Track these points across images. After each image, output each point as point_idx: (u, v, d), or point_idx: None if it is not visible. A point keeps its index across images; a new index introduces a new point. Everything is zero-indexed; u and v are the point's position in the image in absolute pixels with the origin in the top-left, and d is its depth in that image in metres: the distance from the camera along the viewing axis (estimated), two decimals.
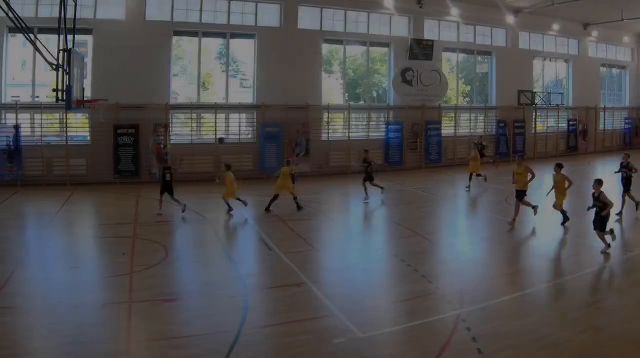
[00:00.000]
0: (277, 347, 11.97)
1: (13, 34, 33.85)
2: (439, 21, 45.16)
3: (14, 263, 17.40)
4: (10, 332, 12.33)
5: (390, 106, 43.41)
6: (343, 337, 12.17)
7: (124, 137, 34.57)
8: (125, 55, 34.63)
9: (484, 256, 19.29)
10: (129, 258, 18.19)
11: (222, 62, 40.51)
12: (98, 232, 23.02)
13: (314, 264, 18.23)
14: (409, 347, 11.89)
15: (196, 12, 37.34)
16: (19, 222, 24.79)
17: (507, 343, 11.84)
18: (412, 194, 31.52)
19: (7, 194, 30.01)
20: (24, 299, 14.46)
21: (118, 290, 15.33)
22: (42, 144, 33.85)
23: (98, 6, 34.70)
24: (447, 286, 15.75)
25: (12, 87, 35.25)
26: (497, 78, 48.55)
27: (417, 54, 43.44)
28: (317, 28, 40.77)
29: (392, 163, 42.36)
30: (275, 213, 25.60)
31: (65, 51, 22.52)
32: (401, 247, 20.30)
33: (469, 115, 47.58)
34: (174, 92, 38.86)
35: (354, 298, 14.82)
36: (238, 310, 13.71)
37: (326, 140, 40.73)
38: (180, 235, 22.67)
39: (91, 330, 12.46)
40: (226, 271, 17.37)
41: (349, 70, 44.98)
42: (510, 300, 14.53)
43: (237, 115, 39.28)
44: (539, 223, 23.54)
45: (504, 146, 48.14)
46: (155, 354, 11.64)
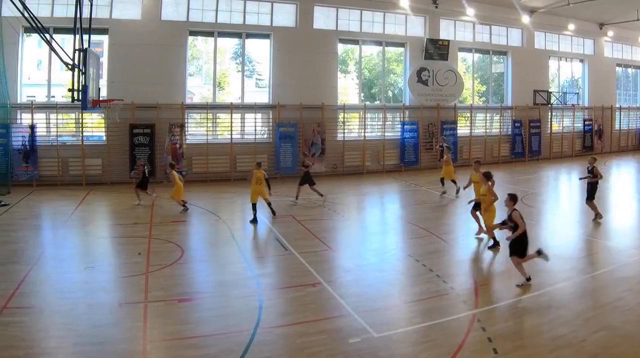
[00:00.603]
0: (292, 347, 11.96)
1: (29, 34, 34.03)
2: (455, 21, 45.09)
3: (29, 263, 17.52)
4: (26, 332, 12.37)
5: (405, 106, 43.30)
6: (358, 337, 12.23)
7: (139, 137, 34.67)
8: (141, 55, 34.82)
9: (499, 256, 19.16)
10: (144, 259, 18.27)
11: (238, 62, 40.55)
12: (114, 232, 23.03)
13: (329, 264, 18.22)
14: (424, 347, 11.86)
15: (212, 12, 37.41)
16: (35, 222, 24.89)
17: (522, 343, 11.89)
18: (427, 194, 31.42)
19: (23, 194, 30.16)
20: (40, 299, 14.51)
21: (133, 290, 15.39)
22: (58, 144, 33.97)
23: (114, 6, 34.84)
24: (462, 286, 15.75)
25: (28, 87, 35.40)
26: (512, 78, 48.41)
27: (432, 54, 43.40)
28: (333, 28, 40.77)
29: (408, 163, 42.44)
30: (290, 213, 25.61)
31: (81, 51, 22.64)
32: (416, 246, 20.27)
33: (484, 115, 47.40)
34: (190, 92, 38.95)
35: (369, 298, 14.83)
36: (253, 310, 13.77)
37: (341, 140, 40.69)
38: (195, 235, 22.67)
39: (107, 330, 12.53)
40: (241, 271, 17.31)
41: (364, 70, 44.97)
42: (525, 300, 14.53)
43: (252, 115, 39.22)
44: (554, 223, 23.47)
45: (520, 146, 47.99)
46: (170, 354, 11.67)
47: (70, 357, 11.40)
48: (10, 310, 13.53)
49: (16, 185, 31.67)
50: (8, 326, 12.52)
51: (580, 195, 30.60)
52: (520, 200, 27.74)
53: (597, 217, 23.88)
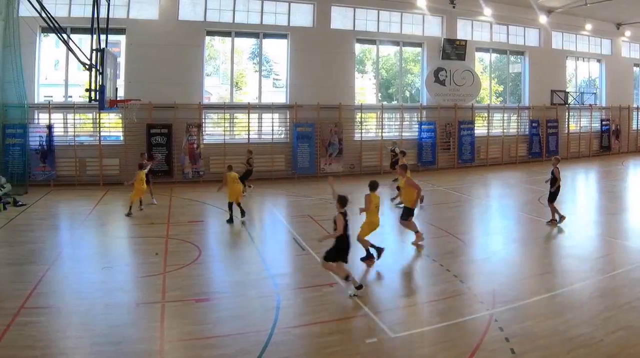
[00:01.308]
0: (309, 347, 11.98)
1: (46, 34, 34.20)
2: (472, 21, 44.96)
3: (47, 264, 17.58)
4: (43, 332, 12.41)
5: (423, 106, 43.21)
6: (375, 337, 12.22)
7: (157, 137, 34.79)
8: (159, 55, 34.93)
9: (516, 256, 19.14)
10: (161, 259, 18.32)
11: (255, 62, 40.66)
12: (131, 232, 23.03)
13: (346, 265, 18.11)
14: (441, 347, 11.83)
15: (229, 12, 37.47)
16: (52, 222, 25.00)
17: (539, 343, 11.81)
18: (445, 194, 31.37)
19: (40, 194, 30.27)
20: (57, 299, 14.56)
21: (151, 290, 15.44)
22: (75, 144, 34.08)
23: (131, 6, 34.96)
24: (479, 286, 15.69)
25: (45, 87, 35.60)
26: (530, 78, 48.27)
27: (450, 54, 43.33)
28: (350, 28, 40.76)
29: (425, 163, 42.39)
30: (308, 213, 25.61)
31: (98, 51, 22.73)
32: (433, 247, 20.18)
33: (502, 115, 47.25)
34: (207, 92, 39.04)
35: (386, 298, 14.89)
36: (270, 310, 13.77)
37: (359, 140, 40.68)
38: (212, 235, 22.62)
39: (124, 330, 12.57)
40: (258, 271, 17.31)
41: (381, 70, 44.96)
42: (543, 300, 14.47)
43: (269, 115, 39.28)
44: (571, 223, 23.42)
45: (537, 146, 47.86)
46: (187, 354, 11.69)
47: (87, 357, 11.44)
48: (28, 310, 13.55)
49: (33, 185, 31.78)
50: (25, 326, 12.55)
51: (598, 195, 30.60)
52: (538, 200, 27.76)
53: (552, 221, 23.60)
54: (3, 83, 30.97)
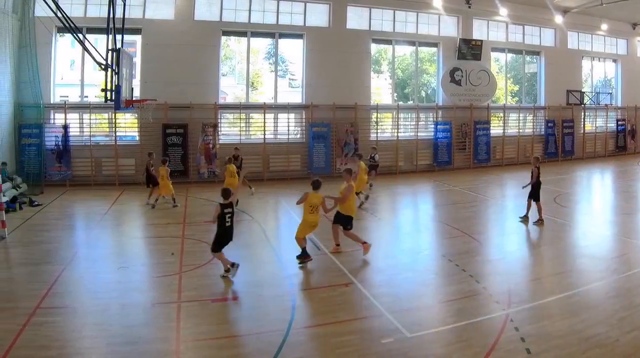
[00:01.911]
0: (325, 347, 11.95)
1: (62, 34, 34.36)
2: (488, 21, 44.85)
3: (63, 264, 17.64)
4: (59, 332, 12.45)
5: (438, 106, 43.19)
6: (391, 337, 12.19)
7: (173, 137, 34.90)
8: (174, 55, 35.09)
9: (532, 256, 19.20)
10: (177, 259, 18.39)
11: (271, 62, 40.71)
12: (147, 232, 23.16)
13: (361, 264, 18.17)
14: (457, 347, 11.81)
15: (245, 12, 37.54)
16: (68, 222, 25.08)
17: (555, 343, 11.78)
18: (460, 194, 31.30)
19: (56, 194, 30.40)
20: (73, 299, 14.63)
21: (167, 290, 15.48)
22: (91, 144, 34.24)
23: (147, 6, 35.11)
24: (495, 286, 15.66)
25: (61, 87, 35.76)
26: (545, 78, 48.09)
27: (465, 54, 43.27)
28: (366, 28, 40.75)
29: (441, 163, 42.35)
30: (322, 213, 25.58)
31: (114, 51, 22.78)
32: (449, 246, 20.19)
33: (517, 115, 47.15)
34: (223, 92, 39.11)
35: (402, 298, 14.80)
36: (286, 310, 13.80)
37: (374, 140, 40.57)
38: None
39: (140, 330, 12.60)
40: (274, 271, 17.41)
41: (397, 70, 44.90)
42: (558, 300, 14.44)
43: (285, 115, 39.37)
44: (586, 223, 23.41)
45: (553, 146, 47.74)
46: (203, 354, 11.70)
47: (103, 357, 11.47)
48: (44, 310, 13.61)
49: (49, 185, 31.93)
50: (41, 326, 12.60)
51: (613, 195, 30.51)
52: (553, 200, 27.72)
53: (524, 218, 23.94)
54: (19, 83, 31.18)
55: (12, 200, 26.64)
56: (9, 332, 12.14)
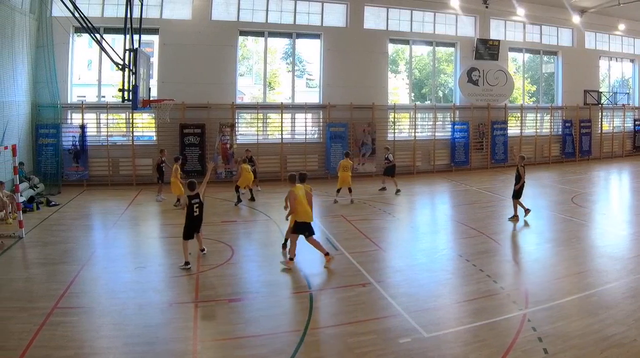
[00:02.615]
0: (342, 346, 11.94)
1: (79, 34, 34.50)
2: (505, 21, 44.70)
3: (80, 264, 17.74)
4: (76, 332, 12.50)
5: (456, 106, 43.09)
6: (408, 337, 12.21)
7: (190, 136, 34.94)
8: (192, 55, 35.21)
9: (549, 256, 19.01)
10: (195, 258, 18.33)
11: (288, 62, 40.72)
12: (164, 232, 23.19)
13: (379, 264, 18.20)
14: (475, 347, 11.80)
15: (262, 12, 37.55)
16: (85, 222, 25.12)
17: (572, 343, 11.77)
18: (478, 194, 31.22)
19: (73, 194, 30.52)
20: (90, 299, 14.68)
21: (184, 290, 15.56)
22: (108, 144, 34.35)
23: (164, 6, 35.19)
24: (512, 286, 15.67)
25: (78, 87, 35.92)
26: (563, 78, 47.92)
27: (483, 54, 43.15)
28: (383, 28, 40.68)
29: (458, 163, 42.26)
30: (340, 213, 25.62)
31: (131, 51, 22.77)
32: (466, 246, 20.16)
33: (535, 115, 46.98)
34: (240, 91, 39.15)
35: (420, 298, 14.80)
36: (303, 310, 13.85)
37: (392, 140, 40.54)
38: (246, 235, 22.57)
39: (157, 330, 12.67)
40: (292, 271, 17.32)
41: (415, 70, 44.79)
42: (576, 300, 14.42)
43: (303, 115, 39.35)
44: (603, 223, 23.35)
45: (570, 146, 47.57)
46: (220, 354, 11.73)
47: (120, 357, 11.50)
48: (61, 310, 13.68)
49: (66, 185, 32.11)
50: (59, 326, 12.66)
51: (631, 194, 30.37)
52: (571, 200, 27.64)
53: (514, 217, 24.24)
54: (36, 83, 31.34)
55: (29, 200, 26.76)
56: (26, 332, 12.23)
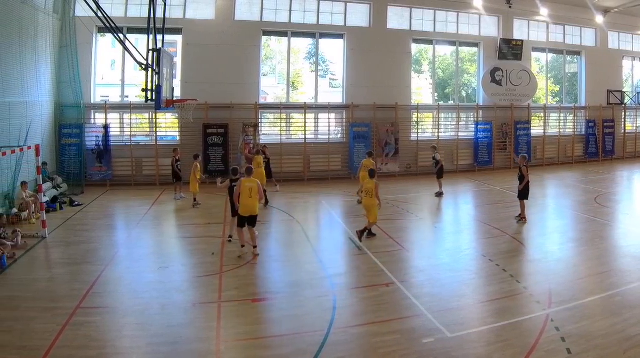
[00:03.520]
0: (366, 346, 11.96)
1: (102, 34, 34.71)
2: (529, 21, 44.54)
3: (103, 264, 17.82)
4: (99, 332, 12.57)
5: (479, 106, 42.99)
6: (432, 337, 12.22)
7: (213, 136, 35.02)
8: (215, 55, 35.30)
9: (573, 256, 19.00)
10: (218, 259, 18.45)
11: (312, 62, 40.73)
12: (187, 232, 23.13)
13: (402, 264, 18.21)
14: (498, 347, 11.78)
15: (285, 12, 37.59)
16: (108, 222, 25.31)
17: (596, 343, 11.74)
18: (501, 194, 31.12)
19: (97, 194, 30.70)
20: (113, 299, 14.78)
21: (207, 290, 15.57)
22: (132, 144, 34.55)
23: (188, 6, 35.35)
24: (535, 286, 15.61)
25: (102, 87, 36.12)
26: (586, 78, 47.64)
27: (506, 54, 43.00)
28: (407, 28, 40.59)
29: (481, 163, 42.14)
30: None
31: (154, 51, 22.84)
32: (489, 246, 20.09)
33: (558, 115, 46.80)
34: (263, 91, 39.25)
35: (443, 298, 14.80)
36: (327, 310, 13.81)
37: (415, 140, 40.54)
38: (269, 235, 22.43)
39: (180, 330, 12.70)
40: (315, 271, 17.33)
41: (438, 70, 44.77)
42: (599, 300, 14.38)
43: (326, 115, 39.37)
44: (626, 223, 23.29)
45: (594, 146, 47.33)
46: (244, 354, 11.75)
47: (143, 357, 11.56)
48: (84, 310, 13.75)
49: (90, 185, 32.32)
50: (82, 326, 12.72)
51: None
52: (594, 200, 27.53)
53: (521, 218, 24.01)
54: (60, 83, 31.53)
55: (52, 200, 26.93)
56: (49, 332, 12.30)
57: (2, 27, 24.16)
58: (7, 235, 19.79)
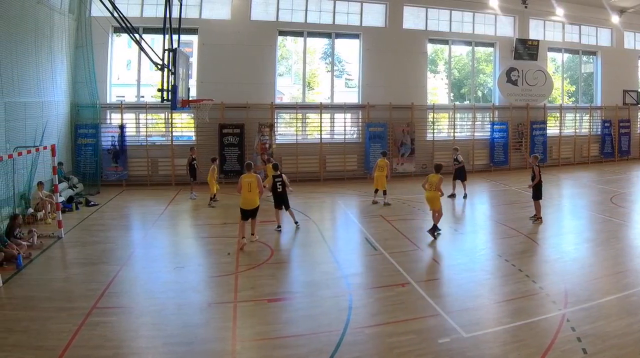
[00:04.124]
0: (382, 347, 11.93)
1: (118, 34, 34.91)
2: (544, 21, 44.43)
3: (119, 264, 17.88)
4: (115, 332, 12.61)
5: (495, 106, 42.99)
6: (447, 336, 12.20)
7: (229, 136, 35.07)
8: (231, 55, 35.41)
9: (589, 256, 18.94)
10: (234, 259, 18.45)
11: (327, 62, 40.79)
12: (203, 232, 23.13)
13: (418, 264, 18.22)
14: (514, 347, 11.75)
15: (301, 12, 37.66)
16: (124, 222, 25.42)
17: (612, 343, 11.70)
18: (516, 194, 31.02)
19: (113, 194, 30.85)
20: (129, 299, 14.82)
21: (223, 290, 15.57)
22: (147, 144, 34.66)
23: (203, 6, 35.51)
24: (551, 286, 15.54)
25: (118, 87, 36.29)
26: (602, 78, 47.50)
27: (522, 54, 42.92)
28: (422, 28, 40.56)
29: (497, 163, 42.09)
30: (379, 213, 25.56)
31: (170, 51, 22.86)
32: (505, 246, 20.06)
33: (574, 115, 46.65)
34: (279, 91, 39.34)
35: (459, 298, 14.82)
36: (343, 310, 13.80)
37: (431, 140, 40.49)
38: (285, 235, 22.36)
39: (196, 330, 12.72)
40: (331, 271, 17.30)
41: (454, 70, 44.75)
42: (615, 300, 14.32)
43: (342, 115, 39.37)
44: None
45: (609, 146, 47.16)
46: (260, 354, 11.75)
47: (159, 357, 11.58)
48: (100, 310, 13.79)
49: (105, 185, 32.48)
50: (97, 326, 12.76)
51: None
52: (610, 200, 27.45)
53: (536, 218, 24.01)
54: (75, 83, 31.70)
55: (68, 200, 27.05)
56: (65, 332, 12.34)
57: (18, 28, 24.29)
58: (23, 235, 19.95)
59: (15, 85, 23.99)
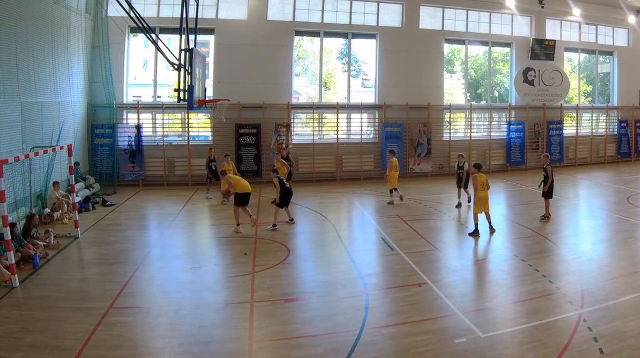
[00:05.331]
0: (398, 346, 11.93)
1: (135, 34, 35.00)
2: (561, 21, 44.25)
3: (136, 264, 17.97)
4: (132, 332, 12.67)
5: (511, 106, 42.82)
6: (464, 337, 12.20)
7: (245, 136, 35.12)
8: (247, 55, 35.40)
9: (605, 256, 18.87)
10: (250, 259, 18.48)
11: (344, 62, 40.72)
12: (219, 232, 23.09)
13: (434, 264, 18.15)
14: (530, 347, 11.72)
15: (318, 12, 37.63)
16: (141, 222, 25.49)
17: (628, 342, 11.67)
18: (533, 194, 30.79)
19: (129, 194, 30.95)
20: (146, 299, 14.89)
21: (239, 290, 15.60)
22: (164, 144, 34.72)
23: (220, 6, 35.55)
24: (568, 286, 15.49)
25: (134, 87, 36.41)
26: (619, 78, 47.24)
27: (538, 54, 42.77)
28: (439, 28, 40.47)
29: (514, 163, 41.94)
30: (395, 213, 25.54)
31: (187, 51, 22.86)
32: (522, 246, 20.05)
33: (590, 115, 46.43)
34: (296, 91, 39.34)
35: (475, 298, 14.91)
36: (359, 310, 13.81)
37: (447, 140, 40.38)
38: (301, 235, 22.48)
39: (212, 330, 12.76)
40: (347, 271, 17.30)
41: (470, 70, 44.64)
42: (632, 300, 14.28)
43: (358, 115, 39.31)
44: None
45: (626, 146, 46.92)
46: (276, 354, 11.77)
47: (176, 357, 11.62)
48: (117, 310, 13.86)
49: (122, 185, 32.59)
50: (114, 326, 12.82)
51: None
52: (627, 200, 27.38)
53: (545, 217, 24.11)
54: (92, 83, 31.85)
55: (85, 200, 27.14)
56: (82, 332, 12.40)
57: (35, 28, 24.41)
58: (39, 235, 20.07)
59: (32, 85, 24.13)
